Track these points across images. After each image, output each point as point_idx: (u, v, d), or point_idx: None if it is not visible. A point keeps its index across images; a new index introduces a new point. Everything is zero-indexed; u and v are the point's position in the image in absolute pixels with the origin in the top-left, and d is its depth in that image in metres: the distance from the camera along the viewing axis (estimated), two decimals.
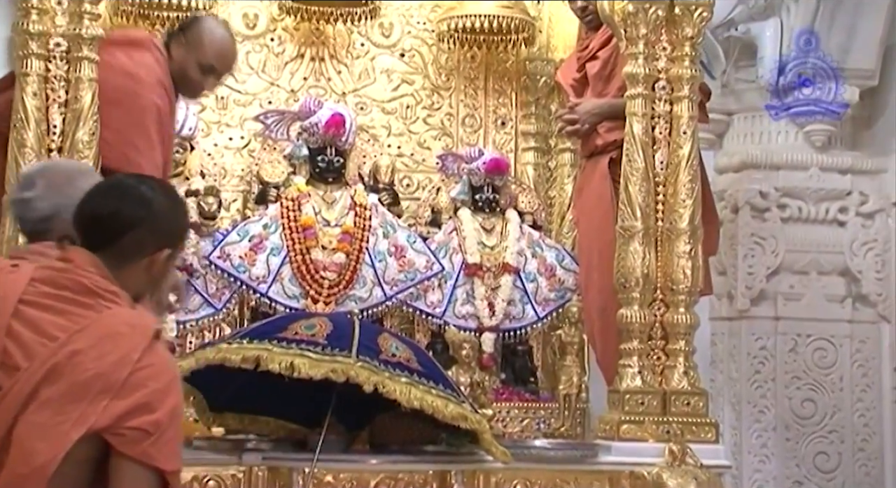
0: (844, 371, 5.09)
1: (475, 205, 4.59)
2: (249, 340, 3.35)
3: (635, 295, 3.92)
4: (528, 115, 4.89)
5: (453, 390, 3.44)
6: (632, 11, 3.96)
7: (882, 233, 5.16)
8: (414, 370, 3.35)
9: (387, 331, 3.73)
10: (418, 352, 3.52)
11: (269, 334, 3.37)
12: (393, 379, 3.28)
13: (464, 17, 4.69)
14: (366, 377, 3.24)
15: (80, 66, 3.61)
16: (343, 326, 3.40)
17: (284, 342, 3.32)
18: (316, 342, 3.32)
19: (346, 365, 3.24)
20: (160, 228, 2.18)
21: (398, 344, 3.44)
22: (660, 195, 3.99)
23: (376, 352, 3.34)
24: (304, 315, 3.72)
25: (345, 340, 3.33)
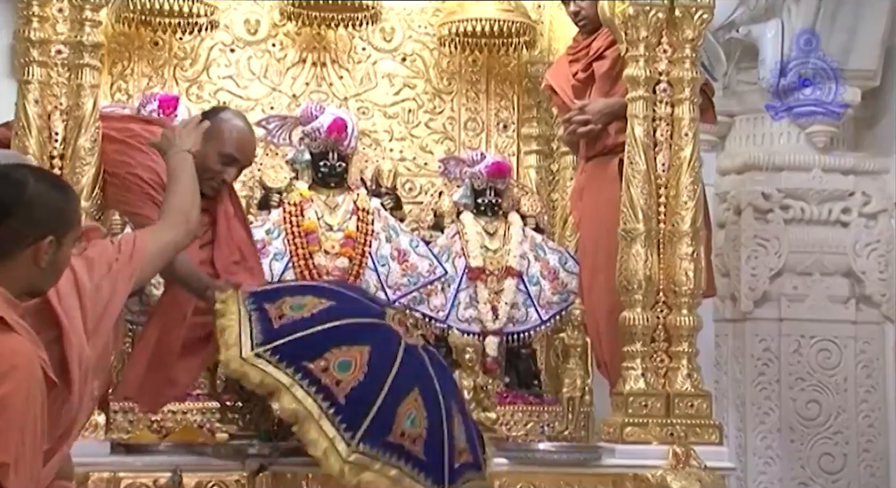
0: (849, 372, 5.09)
1: (477, 209, 4.59)
2: (280, 358, 3.17)
3: (638, 297, 3.92)
4: (529, 118, 4.90)
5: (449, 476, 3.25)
6: (632, 14, 3.96)
7: (885, 233, 5.16)
8: (411, 458, 3.18)
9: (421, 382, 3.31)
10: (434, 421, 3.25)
11: (304, 357, 3.19)
12: (380, 473, 3.14)
13: (465, 21, 4.69)
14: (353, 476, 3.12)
15: (81, 73, 3.61)
16: (377, 374, 3.19)
17: (308, 380, 3.15)
18: (335, 398, 3.14)
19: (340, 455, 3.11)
20: (37, 215, 2.11)
21: (418, 413, 3.22)
22: (661, 197, 3.99)
23: (388, 428, 3.17)
24: (346, 335, 3.29)
25: (364, 405, 3.15)
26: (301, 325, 3.27)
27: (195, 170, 3.15)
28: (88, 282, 2.41)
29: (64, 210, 2.22)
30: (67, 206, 2.24)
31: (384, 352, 3.27)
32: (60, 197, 2.22)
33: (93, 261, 2.47)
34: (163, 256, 2.76)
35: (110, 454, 3.56)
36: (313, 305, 3.33)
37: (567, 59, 4.49)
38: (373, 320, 3.35)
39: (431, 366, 3.36)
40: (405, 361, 3.28)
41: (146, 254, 2.62)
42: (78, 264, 2.41)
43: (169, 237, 2.78)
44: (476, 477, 3.39)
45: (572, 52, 4.47)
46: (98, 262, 2.47)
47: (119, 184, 3.58)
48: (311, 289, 3.53)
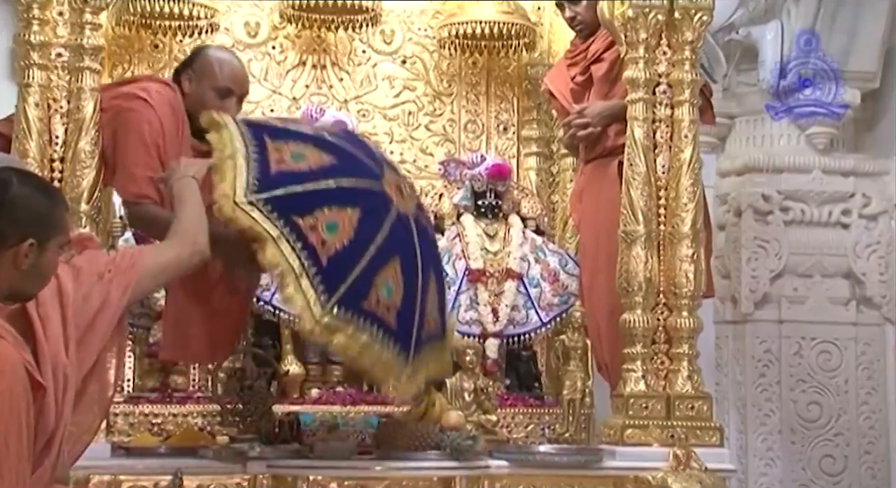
0: (849, 373, 5.09)
1: (478, 211, 4.60)
2: (272, 209, 3.13)
3: (638, 299, 3.92)
4: (529, 120, 4.90)
5: (416, 344, 3.30)
6: (632, 16, 3.96)
7: (885, 235, 5.16)
8: (383, 325, 3.21)
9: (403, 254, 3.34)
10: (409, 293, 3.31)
11: (296, 211, 3.16)
12: (351, 338, 3.17)
13: (465, 24, 4.70)
14: (325, 338, 3.17)
15: (81, 75, 3.61)
16: (360, 241, 3.21)
17: (295, 236, 3.13)
18: (317, 258, 3.13)
19: (314, 316, 3.12)
20: (18, 217, 2.10)
21: (395, 283, 3.26)
22: (661, 199, 3.99)
23: (364, 295, 3.18)
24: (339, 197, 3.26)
25: (343, 270, 3.16)
26: (298, 179, 3.24)
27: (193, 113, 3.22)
28: (73, 291, 2.38)
29: (47, 214, 2.20)
30: (51, 211, 2.23)
31: (373, 219, 3.28)
32: (45, 201, 2.21)
33: (80, 269, 2.44)
34: (165, 272, 2.72)
35: (111, 457, 3.56)
36: (314, 159, 3.31)
37: (565, 62, 4.50)
38: (369, 184, 3.35)
39: (417, 238, 3.39)
40: (392, 230, 3.30)
41: (145, 267, 2.59)
42: (63, 272, 2.38)
43: (172, 254, 2.74)
44: (437, 343, 3.46)
45: (570, 56, 4.47)
46: (86, 271, 2.44)
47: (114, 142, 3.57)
48: (313, 139, 3.44)
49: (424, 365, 3.40)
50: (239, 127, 3.33)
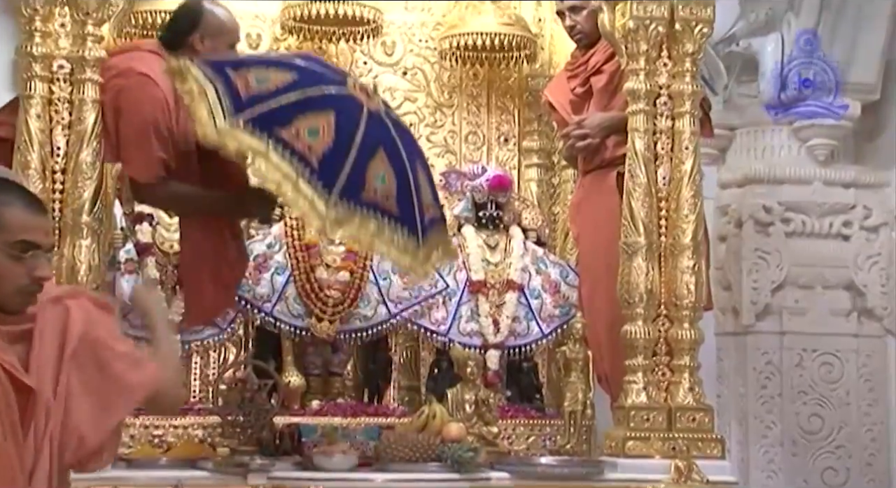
0: (851, 385, 5.08)
1: (479, 222, 4.60)
2: (254, 127, 3.31)
3: (639, 311, 3.92)
4: (530, 131, 4.91)
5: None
6: (632, 28, 3.97)
7: (886, 246, 5.16)
8: (386, 212, 3.42)
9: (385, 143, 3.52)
10: (402, 178, 3.49)
11: (276, 124, 3.33)
12: (360, 227, 3.36)
13: (466, 35, 4.71)
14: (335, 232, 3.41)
15: (83, 87, 3.62)
16: (343, 140, 3.38)
17: (282, 146, 3.30)
18: (308, 161, 3.32)
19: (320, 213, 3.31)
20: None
21: (386, 172, 3.44)
22: (662, 210, 3.99)
23: (361, 186, 3.38)
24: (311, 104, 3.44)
25: (336, 167, 3.35)
26: (267, 97, 3.40)
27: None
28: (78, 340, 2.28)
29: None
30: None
31: (348, 117, 3.44)
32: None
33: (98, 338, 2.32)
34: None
35: (111, 468, 3.54)
36: (278, 79, 3.46)
37: (566, 74, 4.51)
38: (335, 89, 3.52)
39: (394, 129, 3.57)
40: (369, 124, 3.47)
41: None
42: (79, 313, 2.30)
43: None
44: (440, 227, 3.70)
45: (571, 68, 4.48)
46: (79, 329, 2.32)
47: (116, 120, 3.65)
48: (273, 63, 3.63)
49: (434, 247, 3.59)
50: (200, 67, 3.47)
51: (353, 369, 4.51)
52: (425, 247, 3.54)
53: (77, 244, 3.59)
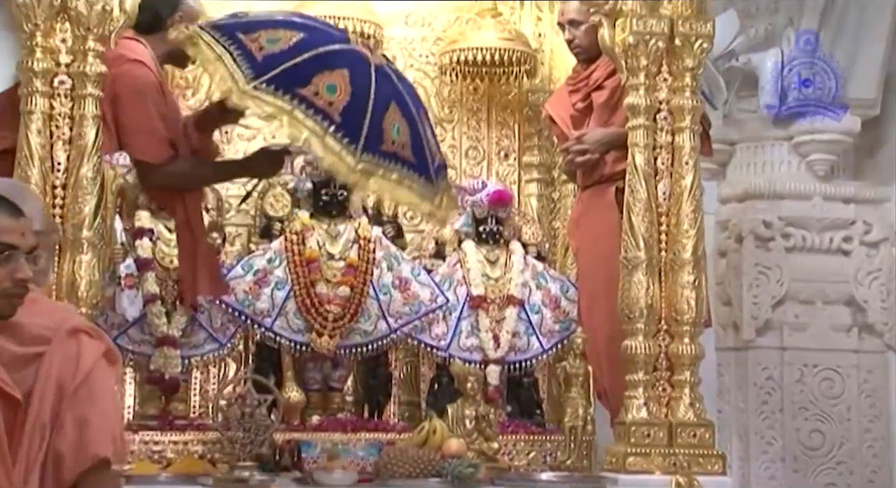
0: (852, 401, 5.07)
1: (479, 237, 4.59)
2: (276, 88, 3.50)
3: (639, 326, 3.92)
4: (531, 146, 4.91)
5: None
6: (632, 43, 3.98)
7: (886, 262, 5.16)
8: (405, 162, 3.62)
9: (395, 95, 3.71)
10: (413, 128, 3.68)
11: (296, 84, 3.51)
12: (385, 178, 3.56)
13: (466, 50, 4.72)
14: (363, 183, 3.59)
15: (84, 103, 3.62)
16: (359, 94, 3.57)
17: (305, 104, 3.50)
18: (331, 117, 3.50)
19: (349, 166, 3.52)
20: None
21: (400, 123, 3.63)
22: (663, 225, 3.99)
23: (380, 139, 3.57)
24: (325, 61, 3.62)
25: (357, 121, 3.53)
26: (282, 58, 3.57)
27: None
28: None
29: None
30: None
31: (361, 72, 3.63)
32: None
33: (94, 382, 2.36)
34: None
35: None
36: (287, 39, 3.62)
37: (567, 89, 4.52)
38: (341, 46, 3.69)
39: (398, 82, 3.77)
40: (378, 79, 3.65)
41: None
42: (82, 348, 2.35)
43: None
44: (446, 179, 3.90)
45: (572, 83, 4.49)
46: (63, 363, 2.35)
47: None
48: (280, 23, 3.75)
49: (445, 192, 3.81)
50: (210, 33, 3.64)
51: (353, 384, 4.50)
52: (439, 192, 3.76)
53: (77, 259, 3.59)
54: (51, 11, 3.60)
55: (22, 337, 2.32)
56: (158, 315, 4.17)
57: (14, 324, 2.33)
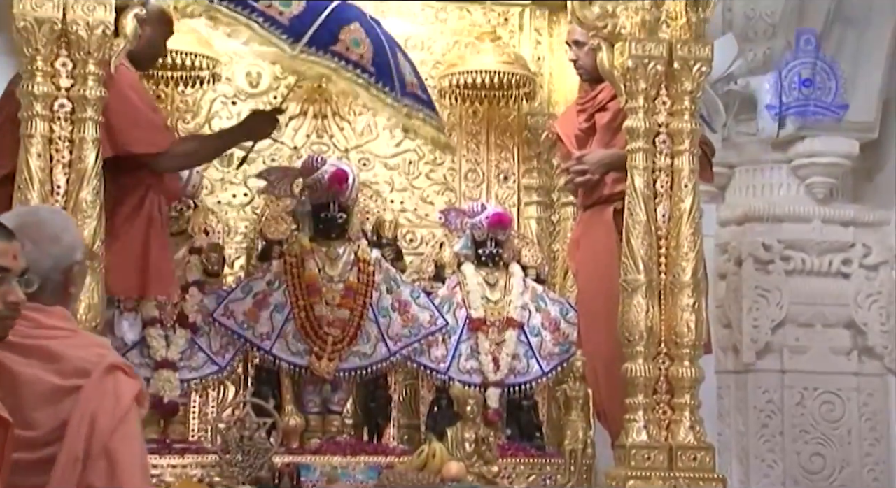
0: (852, 424, 5.06)
1: (478, 260, 4.59)
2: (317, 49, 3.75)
3: (639, 348, 3.91)
4: (530, 169, 4.92)
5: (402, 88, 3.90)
6: (631, 66, 3.99)
7: (886, 285, 5.16)
8: (359, 66, 3.80)
9: (360, 19, 3.94)
10: (379, 46, 3.88)
11: (329, 42, 3.76)
12: (415, 117, 3.84)
13: (465, 74, 4.73)
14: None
15: (84, 126, 3.62)
16: (376, 42, 3.84)
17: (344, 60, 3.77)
18: (368, 70, 3.78)
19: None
20: None
21: (363, 40, 3.83)
22: (662, 248, 3.99)
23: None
24: (340, 16, 3.88)
25: (386, 70, 3.83)
26: (306, 19, 3.79)
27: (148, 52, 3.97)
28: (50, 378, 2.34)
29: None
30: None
31: (366, 23, 3.88)
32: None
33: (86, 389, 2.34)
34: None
35: None
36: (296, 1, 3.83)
37: (576, 108, 4.53)
38: (339, 1, 3.90)
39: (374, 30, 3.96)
40: (376, 26, 3.93)
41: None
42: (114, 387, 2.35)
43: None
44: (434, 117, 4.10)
45: (580, 102, 4.51)
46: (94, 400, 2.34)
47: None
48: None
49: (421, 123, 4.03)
50: (224, 5, 3.78)
51: (352, 407, 4.50)
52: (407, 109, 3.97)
53: None
54: (51, 36, 3.61)
55: (63, 369, 2.33)
56: (157, 338, 4.17)
57: (56, 354, 2.35)
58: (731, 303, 5.12)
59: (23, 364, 2.32)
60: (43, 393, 2.31)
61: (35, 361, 2.33)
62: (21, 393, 2.30)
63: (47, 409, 2.30)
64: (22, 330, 2.32)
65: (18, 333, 2.32)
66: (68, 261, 2.43)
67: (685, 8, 4.03)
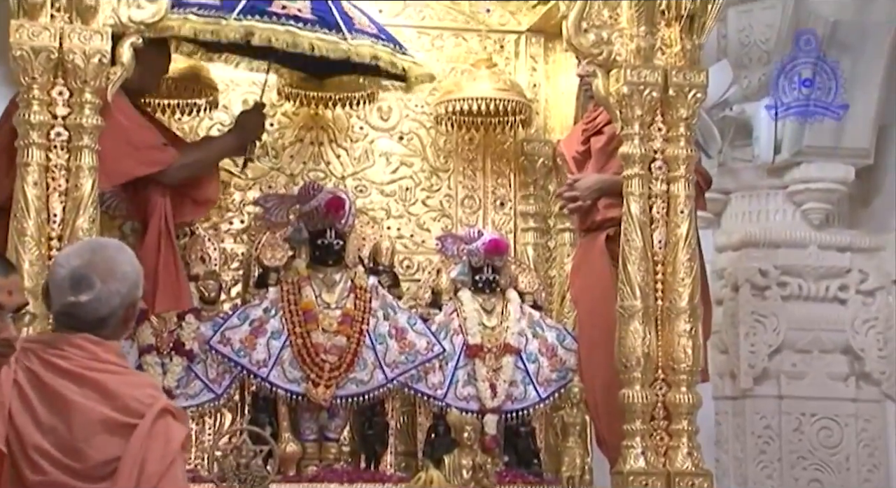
0: (851, 451, 5.05)
1: (475, 286, 4.59)
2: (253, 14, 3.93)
3: (637, 375, 3.91)
4: (526, 195, 4.92)
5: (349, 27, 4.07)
6: (627, 93, 4.01)
7: (883, 311, 5.16)
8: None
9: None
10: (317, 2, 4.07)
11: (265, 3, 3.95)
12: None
13: (461, 101, 4.73)
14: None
15: (80, 154, 3.63)
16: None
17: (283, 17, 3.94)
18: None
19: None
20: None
21: (356, 7, 4.10)
22: (659, 274, 3.99)
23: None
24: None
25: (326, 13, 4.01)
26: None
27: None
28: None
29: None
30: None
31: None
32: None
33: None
34: None
35: None
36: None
37: (581, 127, 4.54)
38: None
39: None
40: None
41: None
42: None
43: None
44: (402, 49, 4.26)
45: (585, 122, 4.52)
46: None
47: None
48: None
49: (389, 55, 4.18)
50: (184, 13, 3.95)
51: (349, 434, 4.48)
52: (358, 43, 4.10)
53: None
54: (48, 65, 3.63)
55: (117, 405, 2.35)
56: (154, 366, 4.16)
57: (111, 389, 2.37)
58: (728, 328, 5.11)
59: (77, 393, 2.34)
60: (94, 425, 2.32)
61: (90, 392, 2.35)
62: (73, 422, 2.32)
63: (97, 441, 2.31)
64: (80, 361, 2.34)
65: (76, 363, 2.34)
66: (133, 297, 2.48)
67: (680, 35, 4.05)
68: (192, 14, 3.95)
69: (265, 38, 3.96)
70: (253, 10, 3.97)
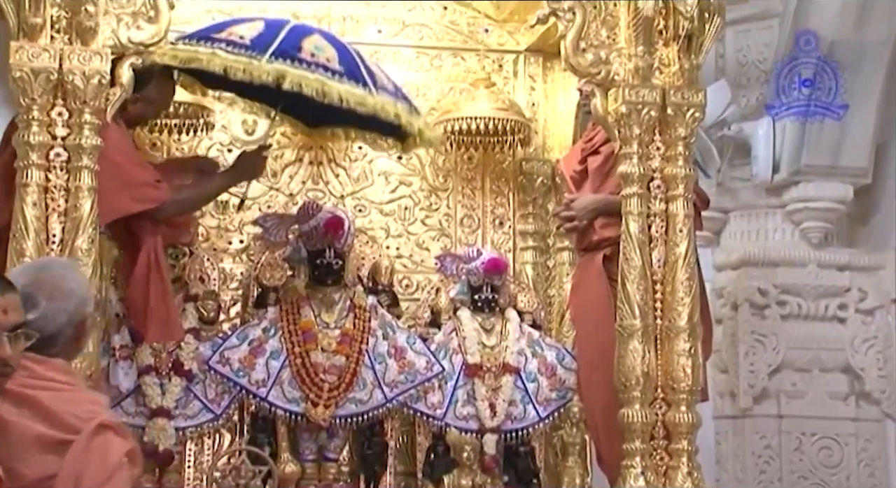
0: (851, 470, 5.04)
1: (474, 306, 4.59)
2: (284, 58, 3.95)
3: (636, 394, 3.90)
4: (525, 214, 4.92)
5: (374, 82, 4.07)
6: (625, 112, 4.02)
7: (883, 329, 5.16)
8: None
9: (320, 31, 4.21)
10: (343, 52, 4.09)
11: (291, 52, 3.97)
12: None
13: (460, 120, 4.74)
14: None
15: (80, 175, 3.64)
16: (338, 46, 4.09)
17: (313, 65, 3.95)
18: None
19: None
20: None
21: (326, 46, 4.04)
22: (658, 293, 3.99)
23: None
24: (299, 30, 4.15)
25: (266, 43, 3.96)
26: (268, 37, 4.02)
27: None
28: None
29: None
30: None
31: (326, 34, 4.17)
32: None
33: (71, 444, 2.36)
34: None
35: None
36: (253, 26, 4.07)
37: (580, 145, 4.55)
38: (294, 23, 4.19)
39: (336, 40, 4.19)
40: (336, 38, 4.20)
41: None
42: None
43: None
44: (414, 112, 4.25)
45: (585, 141, 4.53)
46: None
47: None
48: (236, 20, 4.19)
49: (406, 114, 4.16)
50: (183, 43, 4.00)
51: (348, 454, 4.47)
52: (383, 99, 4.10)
53: None
54: (47, 86, 3.64)
55: (52, 421, 2.34)
56: (153, 386, 4.15)
57: (46, 407, 2.36)
58: (728, 348, 5.11)
59: (14, 413, 2.33)
60: (29, 443, 2.31)
61: (26, 411, 2.33)
62: (8, 442, 2.30)
63: (32, 460, 2.29)
64: (21, 380, 2.33)
65: (17, 383, 2.33)
66: (81, 315, 2.48)
67: (678, 54, 4.06)
68: (222, 50, 3.94)
69: (296, 84, 3.93)
70: (284, 55, 3.96)
